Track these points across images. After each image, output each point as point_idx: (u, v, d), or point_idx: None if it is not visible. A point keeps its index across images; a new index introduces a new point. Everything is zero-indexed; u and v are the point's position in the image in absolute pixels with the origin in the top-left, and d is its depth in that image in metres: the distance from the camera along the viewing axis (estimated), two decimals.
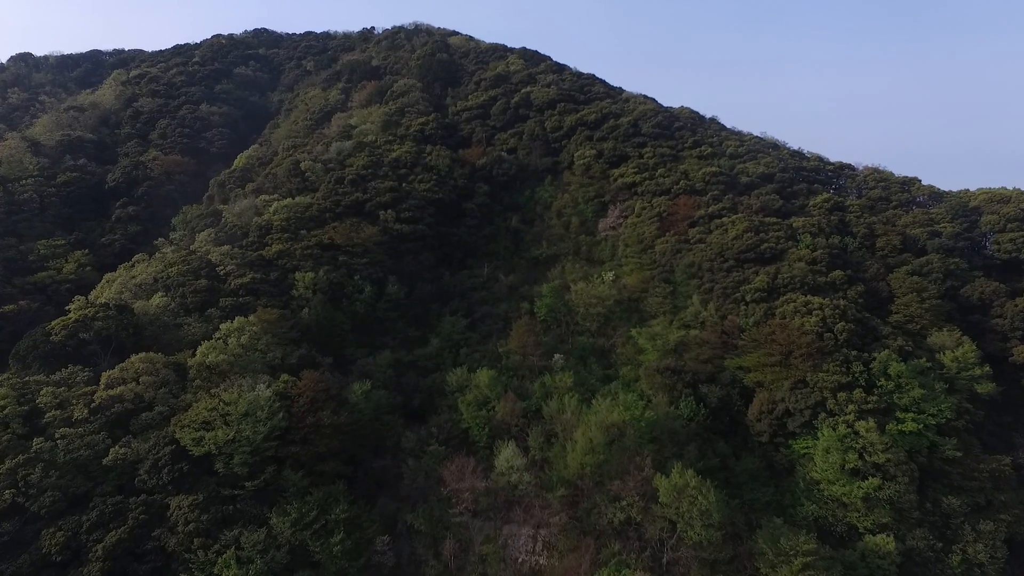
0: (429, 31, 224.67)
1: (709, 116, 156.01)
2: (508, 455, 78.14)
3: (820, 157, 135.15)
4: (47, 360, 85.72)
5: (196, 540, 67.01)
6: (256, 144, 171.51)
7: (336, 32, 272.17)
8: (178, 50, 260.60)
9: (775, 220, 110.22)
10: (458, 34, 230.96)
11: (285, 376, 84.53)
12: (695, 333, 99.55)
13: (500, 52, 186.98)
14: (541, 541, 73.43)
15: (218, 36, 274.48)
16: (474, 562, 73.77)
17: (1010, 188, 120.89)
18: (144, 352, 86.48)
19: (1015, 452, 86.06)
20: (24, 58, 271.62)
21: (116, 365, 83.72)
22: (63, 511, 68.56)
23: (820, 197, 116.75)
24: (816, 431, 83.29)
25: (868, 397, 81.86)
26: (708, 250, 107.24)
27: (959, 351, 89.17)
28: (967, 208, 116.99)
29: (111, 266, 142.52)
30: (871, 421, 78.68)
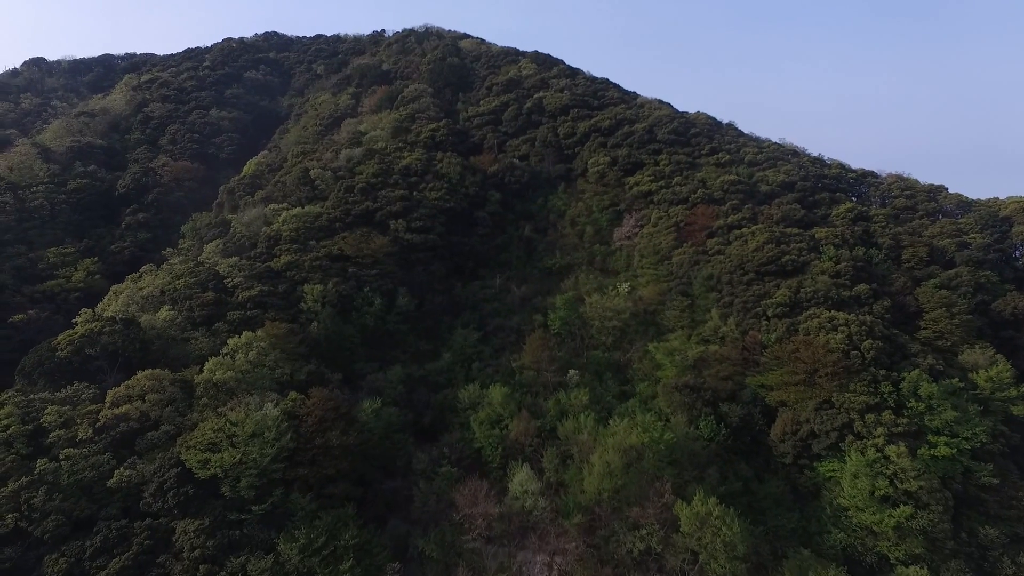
0: (440, 34, 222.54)
1: (726, 121, 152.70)
2: (522, 479, 75.53)
3: (842, 164, 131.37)
4: (53, 376, 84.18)
5: (202, 567, 64.91)
6: (265, 150, 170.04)
7: (346, 35, 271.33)
8: (189, 54, 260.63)
9: (797, 231, 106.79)
10: (469, 37, 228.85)
11: (293, 394, 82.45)
12: (714, 349, 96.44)
13: (512, 56, 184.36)
14: (557, 570, 70.72)
15: (229, 39, 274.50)
16: None
17: None
18: (150, 368, 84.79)
19: None
20: (37, 63, 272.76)
21: (122, 382, 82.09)
22: (66, 536, 66.73)
23: (843, 206, 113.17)
24: (842, 453, 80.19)
25: (898, 419, 78.51)
26: (727, 262, 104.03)
27: (993, 370, 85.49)
28: (997, 218, 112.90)
29: (120, 274, 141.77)
30: (902, 446, 75.29)
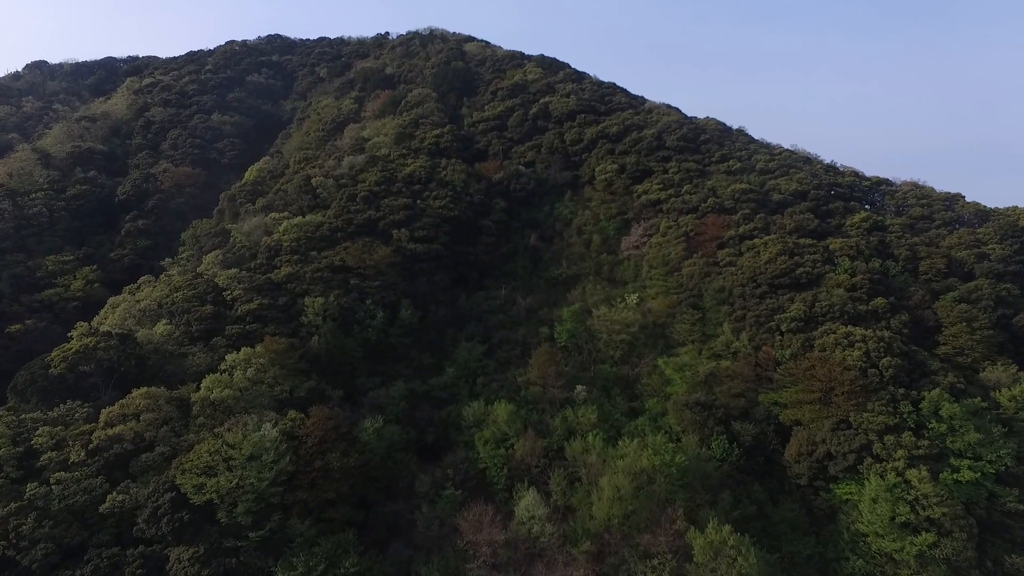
0: (444, 37, 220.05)
1: (736, 127, 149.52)
2: (529, 503, 72.90)
3: (855, 172, 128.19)
4: (46, 394, 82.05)
5: None
6: (267, 156, 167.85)
7: (350, 38, 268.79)
8: (191, 57, 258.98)
9: (810, 242, 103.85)
10: (474, 40, 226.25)
11: (293, 413, 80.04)
12: (726, 364, 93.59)
13: (517, 60, 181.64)
14: None
15: (231, 42, 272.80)
16: None
17: None
18: (147, 385, 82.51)
19: None
20: (39, 66, 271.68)
21: (117, 399, 79.80)
22: (56, 564, 64.51)
23: (858, 216, 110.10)
24: (860, 476, 77.36)
25: (919, 442, 75.59)
26: (739, 274, 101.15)
27: (1016, 389, 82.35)
28: (1017, 227, 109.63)
29: (120, 282, 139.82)
30: (923, 470, 72.39)
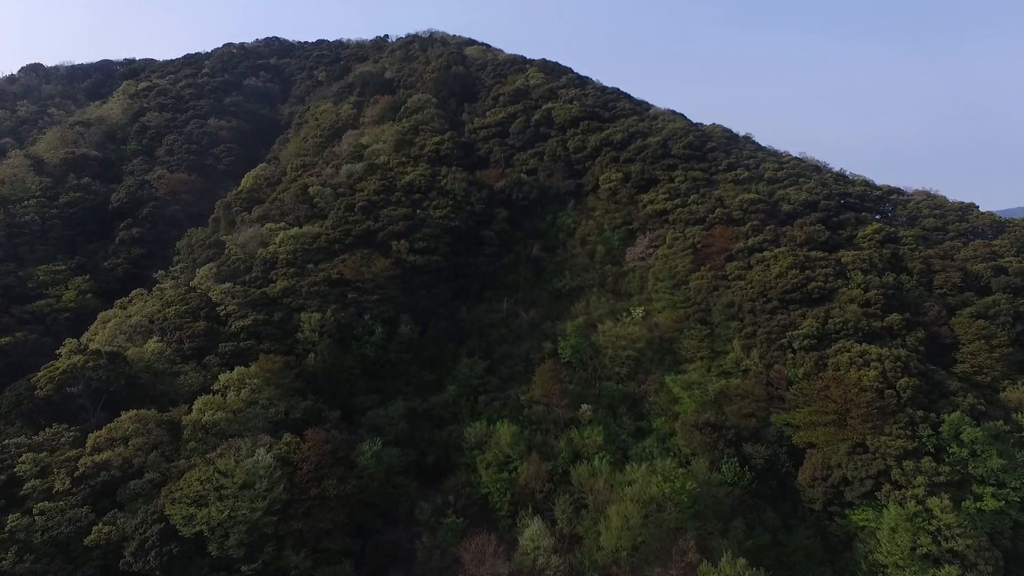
0: (444, 40, 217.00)
1: (743, 134, 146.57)
2: (533, 533, 69.78)
3: (866, 181, 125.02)
4: (31, 417, 79.05)
5: None
6: (264, 162, 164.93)
7: (349, 40, 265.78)
8: (188, 60, 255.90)
9: (822, 254, 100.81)
10: (474, 43, 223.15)
11: (288, 436, 77.03)
12: (736, 383, 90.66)
13: (519, 64, 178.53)
14: None
15: (229, 45, 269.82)
16: None
17: None
18: (136, 406, 79.58)
19: None
20: (34, 69, 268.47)
21: (105, 423, 76.75)
22: None
23: (870, 227, 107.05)
24: (877, 501, 74.43)
25: (939, 467, 72.59)
26: (749, 288, 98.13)
27: None
28: None
29: (113, 292, 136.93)
30: (945, 498, 69.40)
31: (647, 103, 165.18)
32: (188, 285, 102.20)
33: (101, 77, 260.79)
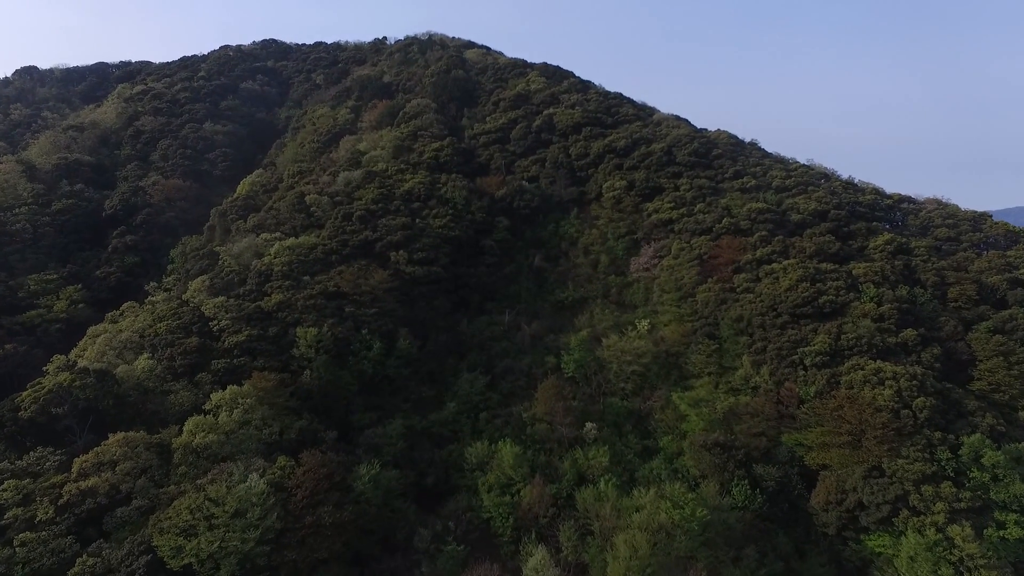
0: (443, 43, 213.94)
1: (748, 140, 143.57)
2: (537, 562, 66.95)
3: (876, 189, 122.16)
4: (14, 440, 76.14)
5: None
6: (260, 168, 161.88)
7: (347, 42, 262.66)
8: (185, 62, 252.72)
9: (833, 267, 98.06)
10: (474, 45, 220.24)
11: (282, 459, 74.19)
12: (746, 400, 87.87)
13: (520, 68, 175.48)
14: None
15: (226, 47, 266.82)
16: None
17: None
18: (125, 426, 76.86)
19: None
20: (29, 71, 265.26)
21: (92, 446, 73.86)
22: None
23: (881, 238, 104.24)
24: (894, 527, 71.64)
25: (960, 493, 69.86)
26: (758, 302, 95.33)
27: None
28: None
29: (106, 301, 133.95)
30: (967, 526, 66.65)
31: (650, 107, 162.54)
32: (180, 298, 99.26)
33: (96, 80, 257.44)
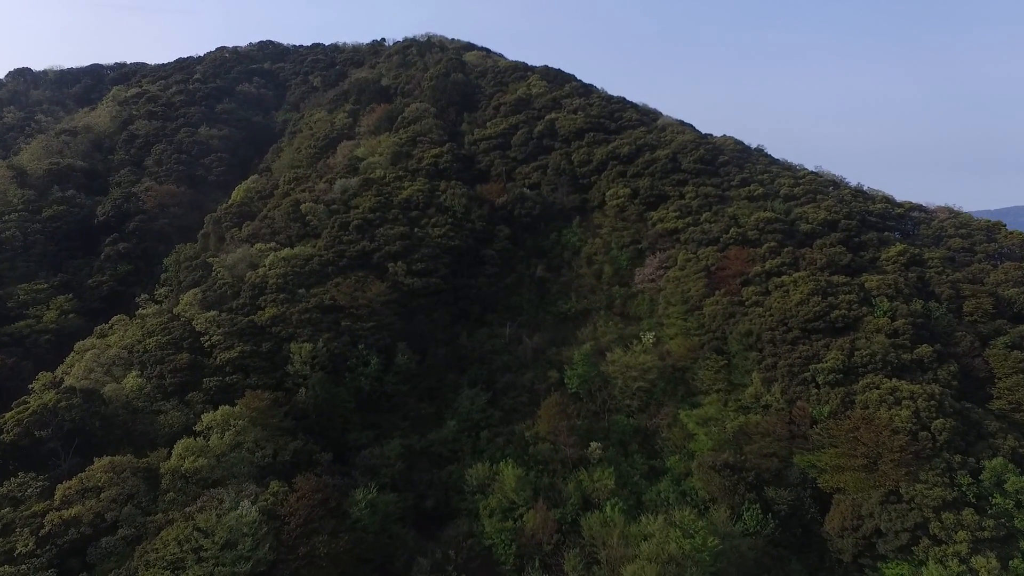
0: (443, 45, 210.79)
1: (755, 146, 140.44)
2: None
3: (887, 197, 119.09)
4: None
5: None
6: (256, 174, 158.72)
7: (345, 44, 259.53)
8: (180, 64, 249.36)
9: (844, 279, 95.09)
10: (474, 48, 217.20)
11: (275, 485, 71.13)
12: (756, 419, 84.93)
13: (520, 71, 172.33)
14: None
15: (222, 49, 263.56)
16: None
17: None
18: (112, 451, 73.75)
19: None
20: (22, 73, 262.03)
21: (77, 471, 70.88)
22: None
23: (894, 249, 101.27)
24: (913, 556, 68.74)
25: (983, 521, 66.95)
26: (768, 316, 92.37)
27: None
28: None
29: (97, 311, 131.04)
30: (992, 558, 63.75)
31: (653, 110, 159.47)
32: (171, 312, 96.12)
33: (91, 82, 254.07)
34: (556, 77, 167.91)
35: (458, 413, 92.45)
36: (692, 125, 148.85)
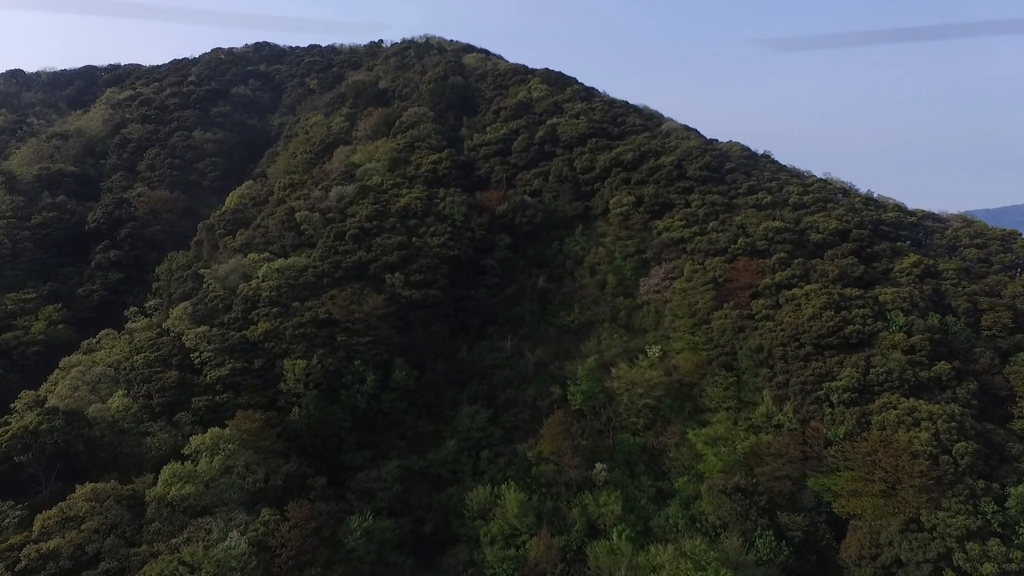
0: (441, 47, 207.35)
1: (761, 152, 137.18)
2: None
3: (898, 205, 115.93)
4: None
5: None
6: (251, 180, 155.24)
7: (342, 45, 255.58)
8: (175, 66, 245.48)
9: (857, 292, 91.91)
10: (473, 49, 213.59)
11: (266, 513, 67.92)
12: (767, 439, 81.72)
13: (520, 74, 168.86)
14: None
15: (218, 50, 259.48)
16: None
17: None
18: (95, 476, 70.57)
19: None
20: (15, 75, 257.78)
21: (58, 499, 67.68)
22: None
23: (907, 260, 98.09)
24: None
25: (1010, 552, 63.82)
26: (779, 331, 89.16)
27: None
28: None
29: (87, 320, 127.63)
30: None
31: (656, 114, 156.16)
32: (161, 327, 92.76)
33: (84, 84, 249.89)
34: (557, 80, 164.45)
35: (458, 431, 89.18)
36: (697, 130, 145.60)
